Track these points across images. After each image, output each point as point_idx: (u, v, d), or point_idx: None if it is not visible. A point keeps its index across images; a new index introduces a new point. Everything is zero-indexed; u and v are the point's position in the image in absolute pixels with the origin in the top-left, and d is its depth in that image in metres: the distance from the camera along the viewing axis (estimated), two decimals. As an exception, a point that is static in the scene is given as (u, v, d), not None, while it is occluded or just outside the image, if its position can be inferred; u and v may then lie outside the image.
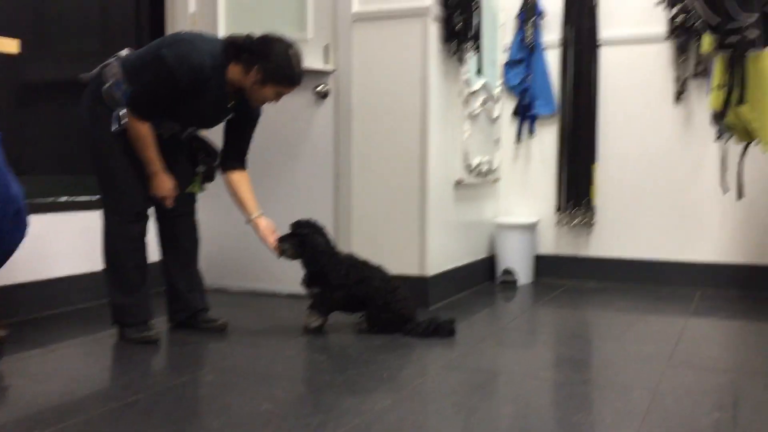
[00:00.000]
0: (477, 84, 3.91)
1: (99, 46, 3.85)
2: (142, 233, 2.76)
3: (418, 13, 3.42)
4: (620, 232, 4.20)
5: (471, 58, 3.68)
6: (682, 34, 3.89)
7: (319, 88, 3.60)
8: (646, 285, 4.11)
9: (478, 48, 3.63)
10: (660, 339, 2.88)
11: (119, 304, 2.74)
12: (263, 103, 2.76)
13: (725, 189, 3.44)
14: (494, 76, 4.23)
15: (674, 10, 3.90)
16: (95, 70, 2.73)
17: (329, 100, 3.60)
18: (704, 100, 3.91)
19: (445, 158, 3.65)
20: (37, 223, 2.74)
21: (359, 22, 3.52)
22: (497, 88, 4.27)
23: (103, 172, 2.72)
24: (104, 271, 2.78)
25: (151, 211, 2.84)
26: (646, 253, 4.15)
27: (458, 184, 3.78)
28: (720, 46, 3.05)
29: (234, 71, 2.67)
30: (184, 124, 2.82)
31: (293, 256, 2.84)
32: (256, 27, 3.77)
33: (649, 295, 3.89)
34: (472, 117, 3.89)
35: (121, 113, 2.64)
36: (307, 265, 2.85)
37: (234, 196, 2.91)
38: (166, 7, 3.96)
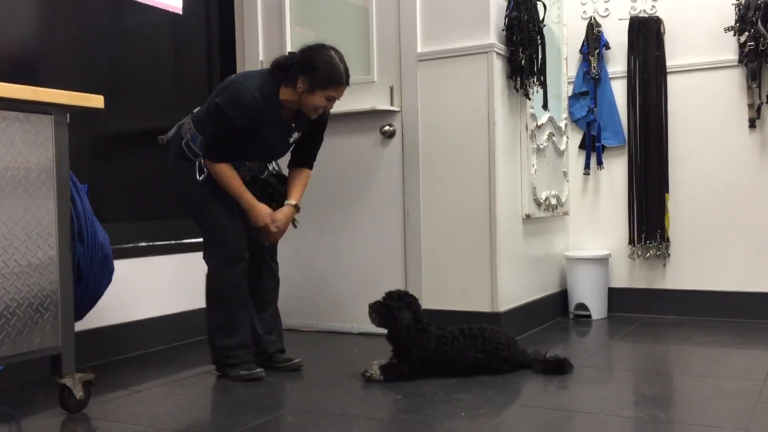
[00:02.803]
0: (543, 118, 3.90)
1: (174, 97, 4.01)
2: (244, 274, 2.86)
3: (481, 51, 3.45)
4: (696, 264, 4.08)
5: (536, 93, 3.68)
6: (753, 59, 3.80)
7: (385, 129, 3.65)
8: (726, 318, 3.97)
9: (542, 82, 3.64)
10: (746, 374, 2.77)
11: (223, 346, 2.84)
12: (317, 111, 2.82)
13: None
14: (559, 110, 4.21)
15: (744, 36, 3.82)
16: (173, 130, 2.92)
17: (396, 139, 3.65)
18: (780, 126, 3.80)
19: (513, 193, 3.64)
20: (120, 268, 2.85)
21: (424, 62, 3.58)
22: (563, 122, 4.25)
23: (200, 218, 2.88)
24: (207, 312, 2.89)
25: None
26: (724, 284, 4.01)
27: (527, 218, 3.75)
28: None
29: (285, 92, 2.79)
30: (259, 158, 2.92)
31: (379, 325, 2.84)
32: (323, 71, 3.89)
33: (729, 328, 3.75)
34: (539, 151, 3.87)
35: (202, 162, 2.79)
36: (390, 339, 2.83)
37: (289, 179, 2.98)
38: (237, 55, 4.11)
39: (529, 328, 3.73)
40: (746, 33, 3.81)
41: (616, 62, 4.24)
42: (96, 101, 2.44)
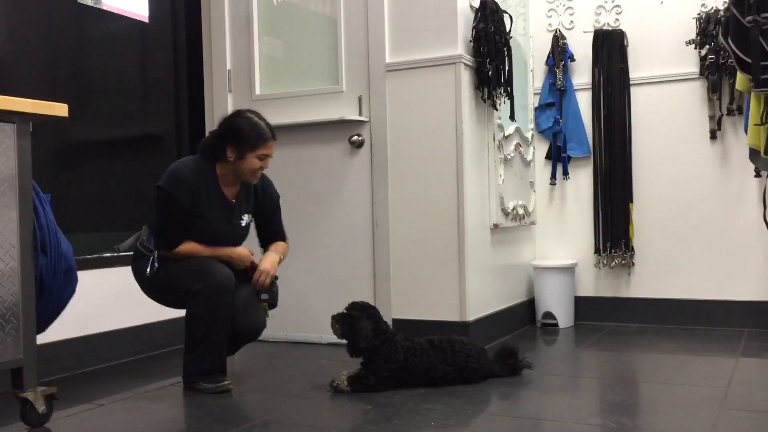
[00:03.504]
0: (510, 128, 3.94)
1: (139, 105, 3.97)
2: (228, 305, 2.77)
3: (450, 62, 3.48)
4: (661, 273, 4.15)
5: (503, 104, 3.72)
6: (714, 72, 3.89)
7: (354, 138, 3.65)
8: (690, 325, 4.03)
9: (510, 93, 3.67)
10: (711, 381, 2.82)
11: (190, 363, 2.81)
12: (256, 174, 2.83)
13: (768, 226, 3.39)
14: (526, 121, 4.26)
15: (705, 49, 3.91)
16: (130, 240, 2.95)
17: (364, 149, 3.65)
18: (741, 138, 3.89)
19: (480, 203, 3.66)
20: (83, 279, 2.80)
21: (392, 73, 3.59)
22: (530, 132, 4.30)
23: (172, 288, 2.81)
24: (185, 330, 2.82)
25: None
26: (689, 292, 4.08)
27: (495, 227, 3.78)
28: (756, 84, 3.04)
29: (221, 167, 2.83)
30: (211, 242, 2.85)
31: (341, 336, 2.82)
32: (291, 81, 3.90)
33: (694, 336, 3.82)
34: (506, 161, 3.91)
35: (154, 256, 2.81)
36: (349, 349, 2.80)
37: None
38: (204, 64, 4.08)
39: (497, 337, 3.75)
40: (707, 46, 3.90)
41: (581, 74, 4.30)
42: (60, 110, 2.40)
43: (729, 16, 2.99)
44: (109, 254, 3.47)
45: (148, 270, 2.81)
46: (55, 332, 2.79)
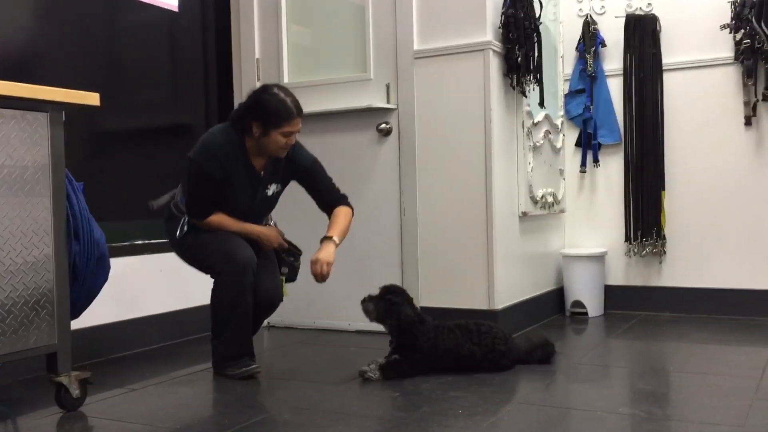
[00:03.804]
0: (539, 116, 3.90)
1: (170, 94, 4.00)
2: (249, 285, 2.79)
3: (478, 49, 3.45)
4: (693, 261, 4.09)
5: (532, 91, 3.68)
6: (749, 57, 3.81)
7: (381, 126, 3.65)
8: (722, 315, 3.98)
9: (539, 80, 3.64)
10: (744, 371, 2.78)
11: (220, 349, 2.86)
12: (282, 150, 2.82)
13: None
14: (556, 107, 4.21)
15: (740, 34, 3.83)
16: (165, 197, 3.00)
17: (392, 137, 3.65)
18: (776, 123, 3.81)
19: (509, 191, 3.64)
20: (116, 266, 2.84)
21: (420, 60, 3.57)
22: (559, 119, 4.25)
23: (198, 259, 2.89)
24: (211, 315, 2.87)
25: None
26: (721, 282, 4.02)
27: (523, 216, 3.75)
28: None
29: (249, 140, 2.82)
30: (243, 216, 2.89)
31: (375, 319, 2.81)
32: (319, 69, 3.90)
33: (726, 325, 3.76)
34: (536, 149, 3.87)
35: (185, 220, 2.87)
36: (394, 331, 2.80)
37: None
38: (233, 53, 4.10)
39: (525, 326, 3.73)
40: (742, 31, 3.81)
41: (612, 60, 4.24)
42: (92, 99, 2.43)
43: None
44: (141, 242, 3.51)
45: (178, 233, 2.87)
46: (89, 318, 2.84)
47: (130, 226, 3.56)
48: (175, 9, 3.90)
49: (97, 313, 3.03)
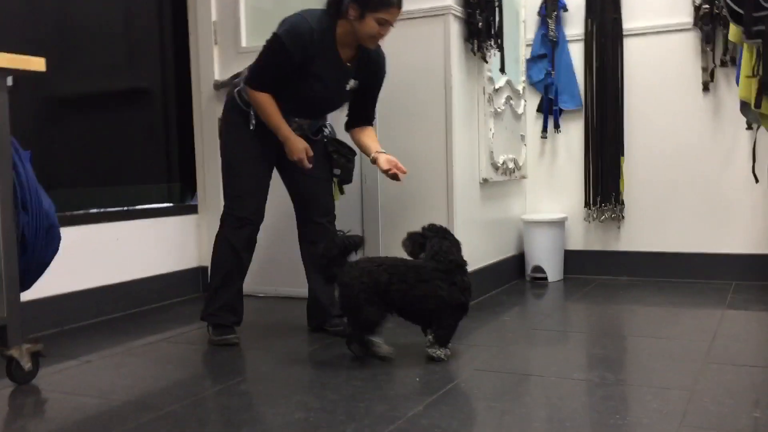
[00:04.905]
0: (500, 81, 3.88)
1: (122, 58, 3.89)
2: (245, 241, 2.86)
3: (438, 13, 3.40)
4: (650, 226, 4.15)
5: (494, 56, 3.65)
6: (708, 23, 3.82)
7: (342, 92, 3.59)
8: (679, 279, 4.05)
9: (500, 45, 3.61)
10: (696, 335, 2.84)
11: (207, 302, 2.90)
12: (374, 39, 2.75)
13: (757, 179, 3.37)
14: (517, 73, 4.19)
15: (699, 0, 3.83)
16: (227, 79, 2.90)
17: (352, 103, 3.59)
18: (733, 90, 3.84)
19: (470, 157, 3.63)
20: (69, 236, 2.78)
21: (380, 24, 3.51)
22: (521, 85, 4.24)
23: (224, 173, 2.90)
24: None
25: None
26: (678, 246, 4.09)
27: (484, 182, 3.75)
28: (748, 35, 2.98)
29: (341, 25, 2.74)
30: (313, 106, 2.86)
31: (411, 254, 2.68)
32: (277, 33, 3.80)
33: (682, 289, 3.83)
34: (497, 115, 3.86)
35: (255, 113, 2.79)
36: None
37: (357, 143, 3.00)
38: (189, 17, 3.99)
39: (486, 291, 3.76)
40: (701, -5, 3.82)
41: (574, 25, 4.23)
42: (37, 64, 2.35)
43: (723, -35, 2.92)
44: (95, 210, 3.44)
45: (251, 125, 2.80)
46: (41, 289, 2.79)
47: (84, 194, 3.48)
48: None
49: (50, 284, 2.97)
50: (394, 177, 2.84)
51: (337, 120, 3.12)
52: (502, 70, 3.72)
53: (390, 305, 2.53)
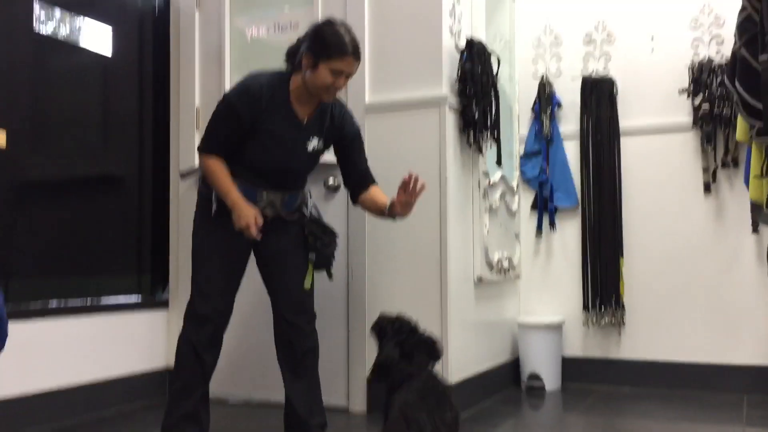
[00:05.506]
0: (496, 176, 3.72)
1: (99, 143, 3.69)
2: (207, 340, 2.59)
3: (434, 103, 3.26)
4: (653, 333, 3.90)
5: (489, 148, 3.50)
6: (708, 122, 3.73)
7: (330, 182, 3.40)
8: (686, 390, 3.77)
9: (496, 137, 3.46)
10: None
11: (168, 410, 2.57)
12: (324, 91, 2.54)
13: (770, 284, 3.18)
14: (511, 168, 4.04)
15: (698, 99, 3.75)
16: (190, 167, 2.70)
17: (341, 193, 3.40)
18: (736, 191, 3.72)
19: (464, 254, 3.41)
20: (20, 331, 2.48)
21: (372, 114, 3.36)
22: (515, 181, 4.08)
23: (192, 264, 2.67)
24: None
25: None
26: (683, 355, 3.83)
27: (479, 281, 3.52)
28: (759, 132, 2.85)
29: (295, 80, 2.59)
30: (271, 171, 2.63)
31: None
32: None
33: (691, 402, 3.55)
34: (492, 210, 3.67)
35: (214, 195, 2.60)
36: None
37: (370, 209, 2.79)
38: (172, 100, 3.83)
39: (480, 400, 3.46)
40: (701, 95, 3.74)
41: (569, 122, 4.12)
42: (-3, 138, 2.12)
43: (738, 57, 2.81)
44: (54, 303, 3.14)
45: (213, 207, 2.59)
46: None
47: (45, 284, 3.19)
48: (108, 55, 3.62)
49: (-3, 386, 2.64)
50: (413, 191, 2.61)
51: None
52: (499, 162, 3.57)
53: None
